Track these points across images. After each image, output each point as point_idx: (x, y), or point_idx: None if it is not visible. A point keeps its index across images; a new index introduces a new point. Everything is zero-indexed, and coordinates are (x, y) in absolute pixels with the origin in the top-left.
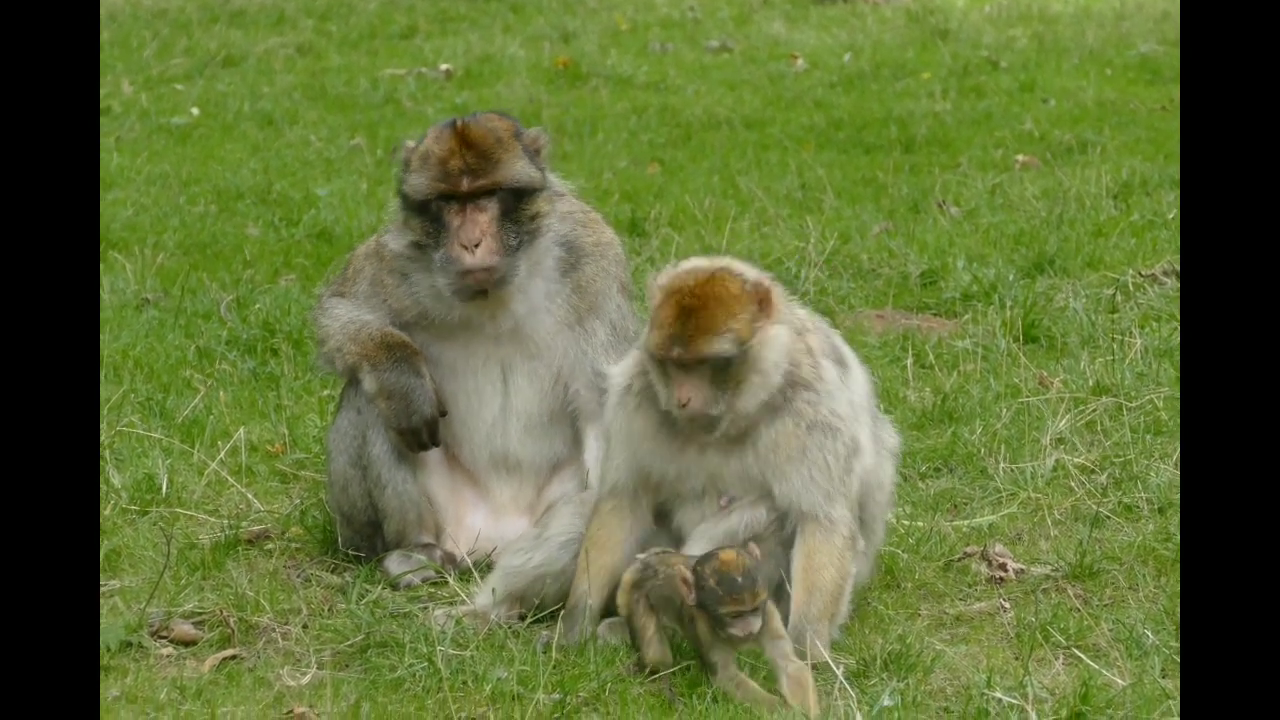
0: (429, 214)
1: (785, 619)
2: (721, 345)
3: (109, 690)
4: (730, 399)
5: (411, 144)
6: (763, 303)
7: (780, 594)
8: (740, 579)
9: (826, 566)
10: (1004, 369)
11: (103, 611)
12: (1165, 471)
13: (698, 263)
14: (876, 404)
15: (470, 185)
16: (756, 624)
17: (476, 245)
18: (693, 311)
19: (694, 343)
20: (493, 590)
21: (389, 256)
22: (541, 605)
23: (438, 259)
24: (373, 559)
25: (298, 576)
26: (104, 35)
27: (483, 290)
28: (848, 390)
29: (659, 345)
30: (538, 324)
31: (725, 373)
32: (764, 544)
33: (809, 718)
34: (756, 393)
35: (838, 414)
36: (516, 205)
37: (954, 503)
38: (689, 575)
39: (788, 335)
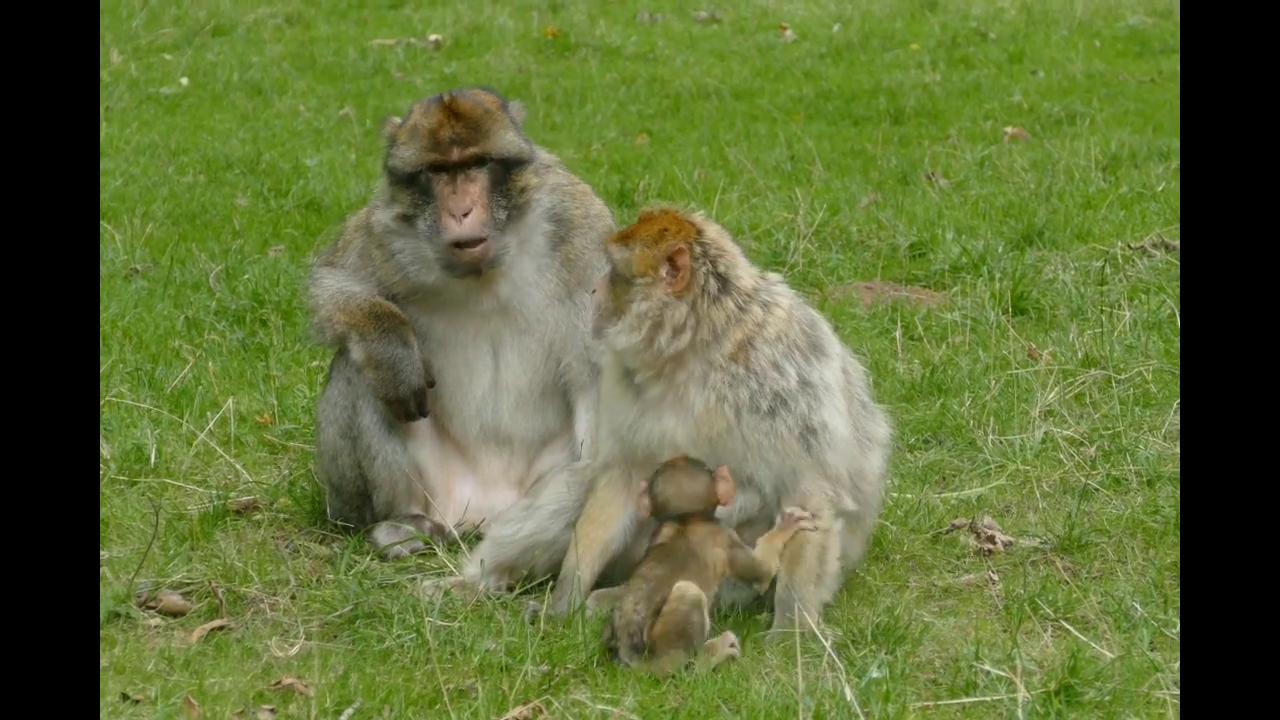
0: (418, 185)
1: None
2: (615, 252)
3: None
4: (608, 319)
5: (396, 120)
6: (671, 269)
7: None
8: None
9: (813, 544)
10: (993, 341)
11: None
12: (1154, 444)
13: (706, 221)
14: (868, 394)
15: (460, 155)
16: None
17: (466, 215)
18: (641, 220)
19: (618, 233)
20: (481, 561)
21: (376, 230)
22: (530, 576)
23: (425, 228)
24: (361, 530)
25: (286, 547)
26: None
27: (476, 270)
28: (813, 371)
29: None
30: (527, 299)
31: (615, 288)
32: (755, 527)
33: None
34: (624, 333)
35: (765, 394)
36: (506, 177)
37: (942, 475)
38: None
39: (676, 312)
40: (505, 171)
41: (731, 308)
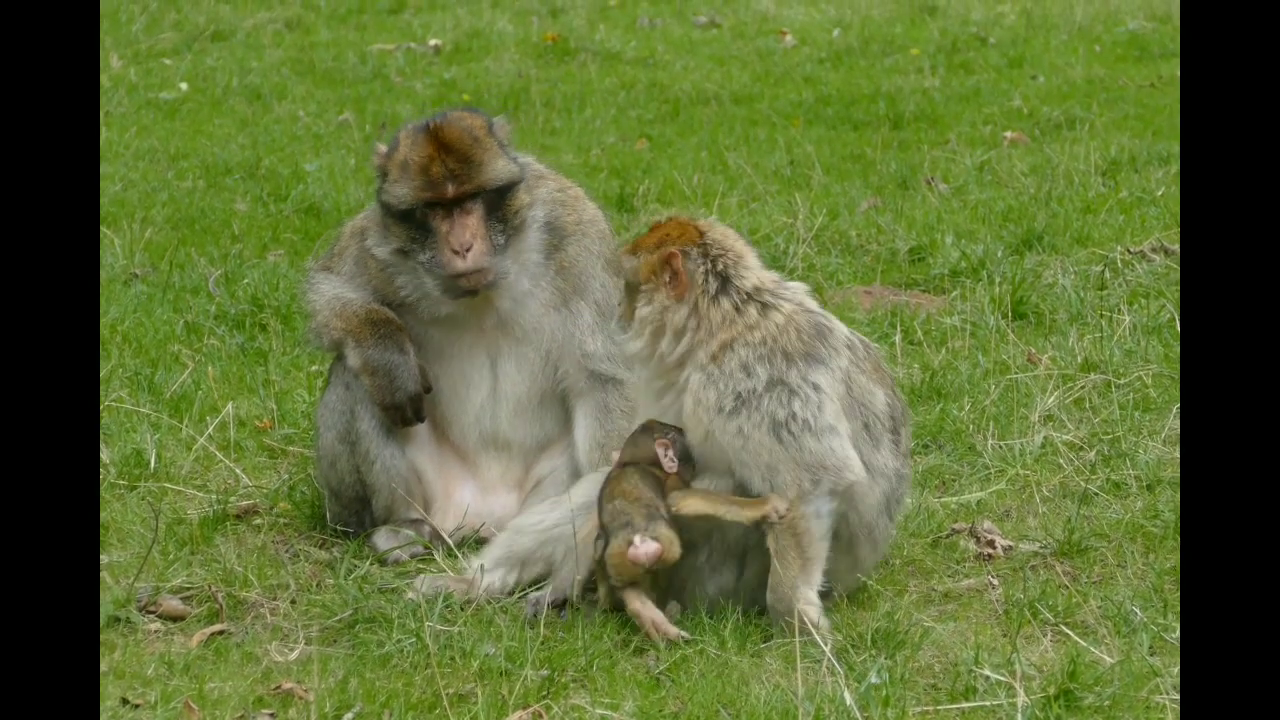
0: (413, 221)
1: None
2: (625, 262)
3: None
4: (623, 323)
5: (383, 149)
6: (671, 274)
7: (747, 557)
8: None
9: (774, 525)
10: (993, 346)
11: None
12: (1154, 448)
13: (712, 224)
14: (884, 424)
15: (456, 191)
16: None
17: (468, 249)
18: (650, 228)
19: (624, 249)
20: (486, 559)
21: (373, 260)
22: (545, 573)
23: (425, 262)
24: (361, 534)
25: (286, 552)
26: None
27: (473, 290)
28: (792, 373)
29: None
30: (524, 309)
31: (627, 297)
32: None
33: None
34: (633, 340)
35: (728, 395)
36: (501, 203)
37: (942, 479)
38: (664, 447)
39: (676, 315)
40: (499, 197)
41: (728, 307)
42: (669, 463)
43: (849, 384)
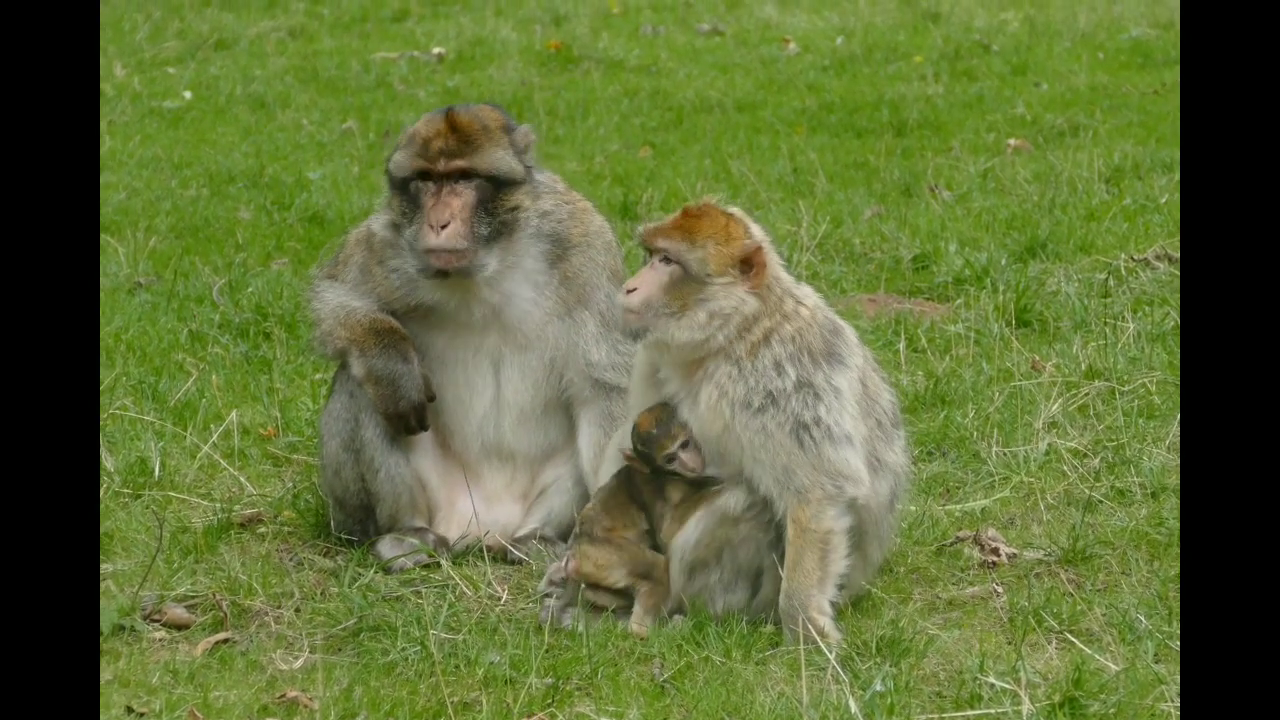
0: (408, 193)
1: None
2: (685, 252)
3: (102, 674)
4: (666, 317)
5: (411, 128)
6: (750, 265)
7: (761, 579)
8: (661, 424)
9: (803, 533)
10: (996, 353)
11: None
12: (1158, 455)
13: (744, 214)
14: (892, 419)
15: (446, 166)
16: (697, 457)
17: (444, 227)
18: (689, 215)
19: (668, 229)
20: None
21: (374, 242)
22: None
23: (409, 237)
24: (365, 542)
25: (290, 560)
26: None
27: (444, 271)
28: (818, 375)
29: (646, 230)
30: (526, 316)
31: (681, 286)
32: (740, 525)
33: None
34: (688, 330)
35: (758, 392)
36: (495, 195)
37: (946, 487)
38: (628, 450)
39: (750, 308)
40: (495, 189)
41: (773, 299)
42: (693, 459)
43: (864, 383)
